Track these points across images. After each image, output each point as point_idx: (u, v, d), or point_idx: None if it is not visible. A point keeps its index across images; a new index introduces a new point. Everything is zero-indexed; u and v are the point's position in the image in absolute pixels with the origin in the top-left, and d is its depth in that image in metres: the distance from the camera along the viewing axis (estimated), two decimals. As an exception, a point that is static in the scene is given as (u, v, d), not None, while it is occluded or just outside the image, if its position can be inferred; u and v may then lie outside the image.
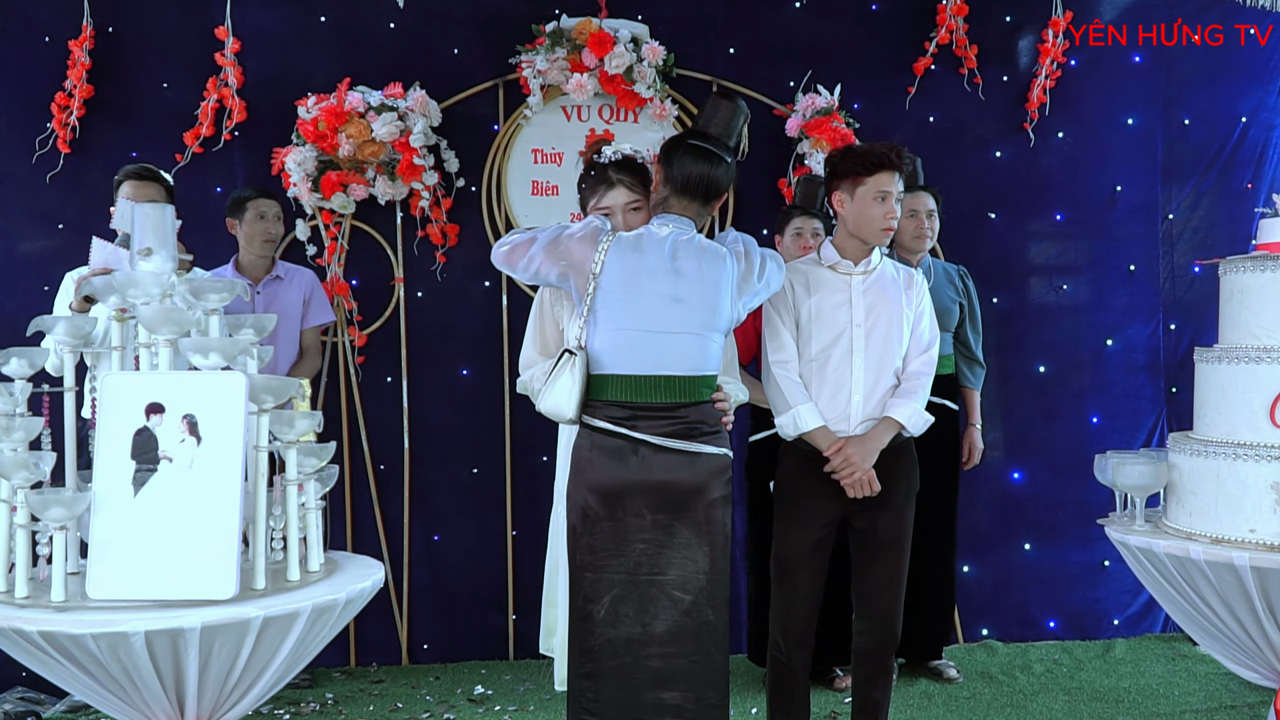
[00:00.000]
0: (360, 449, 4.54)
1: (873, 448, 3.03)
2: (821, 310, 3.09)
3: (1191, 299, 4.84)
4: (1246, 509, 2.36)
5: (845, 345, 3.08)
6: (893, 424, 3.06)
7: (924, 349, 3.15)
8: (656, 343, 2.77)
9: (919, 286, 3.18)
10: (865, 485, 3.01)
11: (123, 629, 1.93)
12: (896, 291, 3.13)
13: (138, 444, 2.03)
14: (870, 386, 3.08)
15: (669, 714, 2.73)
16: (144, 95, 4.46)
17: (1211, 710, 3.87)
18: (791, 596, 3.13)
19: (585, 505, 2.76)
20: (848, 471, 3.00)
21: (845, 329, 3.08)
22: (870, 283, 3.12)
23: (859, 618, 3.22)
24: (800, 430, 3.05)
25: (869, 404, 3.07)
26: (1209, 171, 4.85)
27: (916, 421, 3.08)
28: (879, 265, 3.15)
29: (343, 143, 4.29)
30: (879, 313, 3.10)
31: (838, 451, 3.01)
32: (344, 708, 4.01)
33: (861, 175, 3.03)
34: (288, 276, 4.23)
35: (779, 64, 4.63)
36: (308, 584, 2.18)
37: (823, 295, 3.10)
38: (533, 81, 4.44)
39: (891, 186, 3.03)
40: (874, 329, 3.09)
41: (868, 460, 3.01)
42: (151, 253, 2.22)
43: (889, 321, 3.10)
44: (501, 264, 2.90)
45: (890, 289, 3.12)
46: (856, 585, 3.21)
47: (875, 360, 3.08)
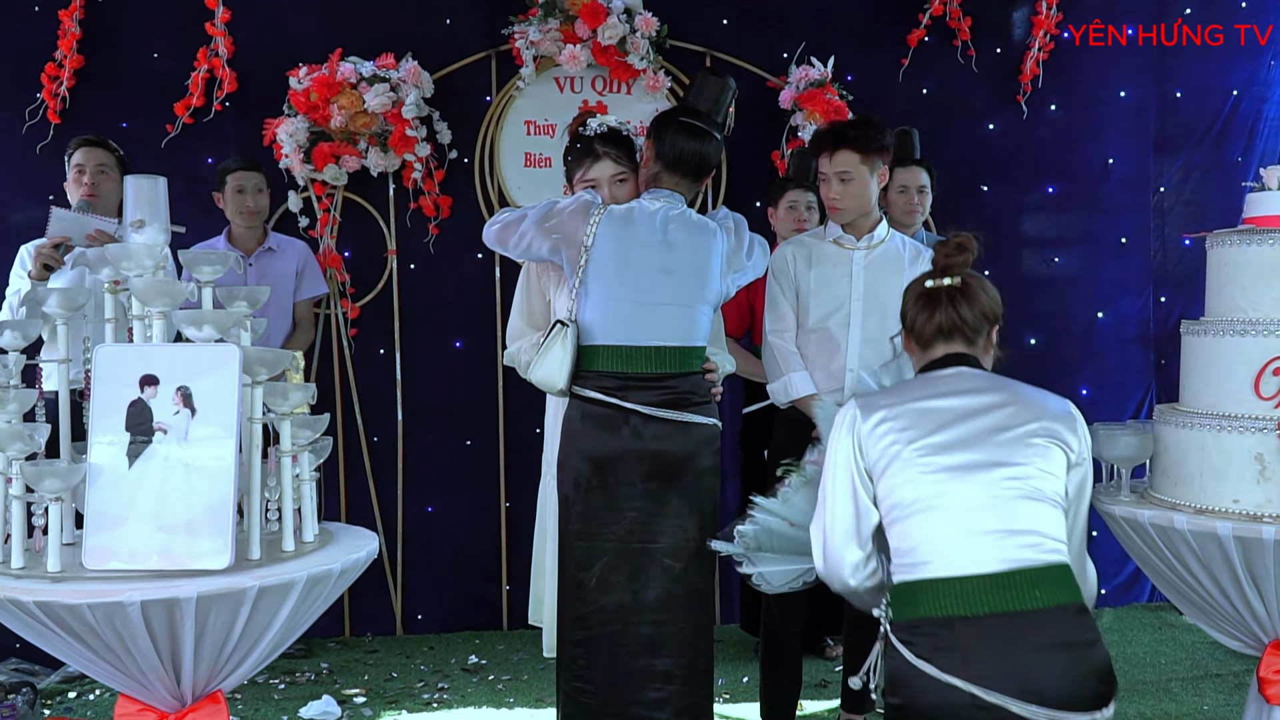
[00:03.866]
0: (354, 421, 4.55)
1: None
2: (822, 283, 3.14)
3: (1182, 272, 4.86)
4: (1230, 479, 2.39)
5: (843, 318, 3.13)
6: None
7: None
8: (647, 314, 2.79)
9: (923, 262, 3.20)
10: None
11: (119, 599, 1.95)
12: (900, 266, 3.17)
13: (132, 415, 2.04)
14: (865, 360, 3.12)
15: (659, 679, 2.77)
16: (134, 65, 4.44)
17: (1197, 679, 3.92)
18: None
19: (577, 474, 2.79)
20: None
21: (844, 302, 3.13)
22: (874, 257, 3.16)
23: None
24: (791, 397, 3.11)
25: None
26: (1200, 144, 4.86)
27: None
28: (885, 239, 3.19)
29: (335, 114, 4.28)
30: (879, 287, 3.14)
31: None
32: (339, 677, 4.05)
33: (817, 156, 3.16)
34: (280, 248, 4.23)
35: (772, 36, 4.62)
36: (303, 554, 2.20)
37: (824, 268, 3.16)
38: (525, 53, 4.42)
39: (828, 168, 3.10)
40: (873, 304, 3.13)
41: None
42: (144, 224, 2.23)
43: (888, 296, 3.13)
44: (493, 242, 2.93)
45: (893, 264, 3.17)
46: None
47: (872, 334, 3.13)
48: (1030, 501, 1.98)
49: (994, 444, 2.01)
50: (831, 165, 3.09)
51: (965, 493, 1.98)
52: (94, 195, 3.67)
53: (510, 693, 3.89)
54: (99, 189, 3.69)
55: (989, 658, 1.88)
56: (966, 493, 1.98)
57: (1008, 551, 1.94)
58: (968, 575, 1.93)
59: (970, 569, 1.94)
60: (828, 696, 3.78)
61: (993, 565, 1.93)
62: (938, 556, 1.96)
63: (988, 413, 2.05)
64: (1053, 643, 1.89)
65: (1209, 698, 3.74)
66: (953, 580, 1.94)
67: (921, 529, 1.98)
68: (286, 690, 3.90)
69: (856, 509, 2.10)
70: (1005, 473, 1.99)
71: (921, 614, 1.95)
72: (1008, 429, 2.03)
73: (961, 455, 2.00)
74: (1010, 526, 1.95)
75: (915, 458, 2.01)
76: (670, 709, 2.76)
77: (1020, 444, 2.01)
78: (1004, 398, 2.07)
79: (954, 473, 1.99)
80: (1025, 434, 2.02)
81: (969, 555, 1.94)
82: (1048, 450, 2.02)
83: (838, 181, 3.09)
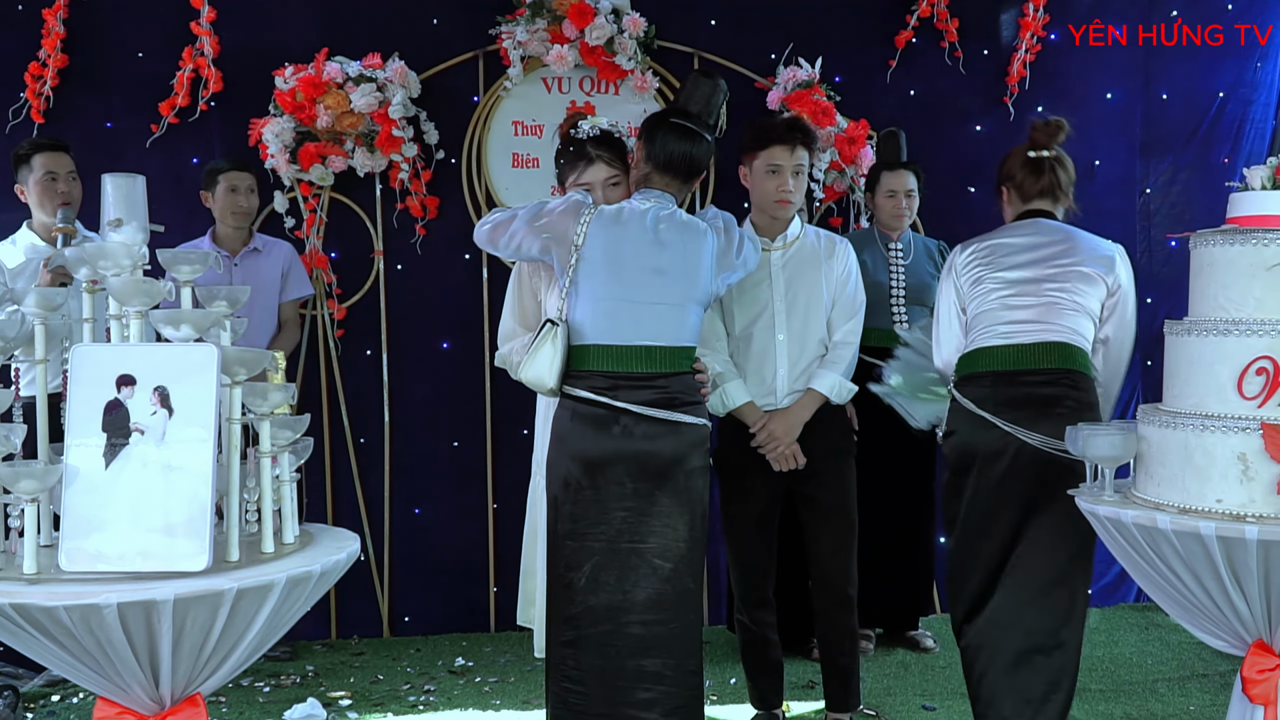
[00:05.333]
0: (340, 422, 4.53)
1: (795, 421, 3.12)
2: (742, 288, 3.16)
3: (1168, 273, 4.87)
4: (1214, 479, 2.38)
5: (767, 321, 3.16)
6: (816, 396, 3.16)
7: (848, 318, 3.21)
8: (638, 313, 2.79)
9: (841, 253, 3.24)
10: (790, 459, 3.10)
11: (95, 601, 1.92)
12: (816, 261, 3.20)
13: (109, 416, 2.02)
14: (794, 359, 3.16)
15: (649, 680, 2.77)
16: (119, 64, 4.42)
17: (1184, 679, 3.93)
18: (741, 564, 3.28)
19: (567, 474, 2.79)
20: (771, 446, 3.12)
21: (766, 304, 3.16)
22: (790, 256, 3.18)
23: (815, 584, 3.32)
24: (728, 407, 3.17)
25: (793, 376, 3.17)
26: (1187, 146, 4.87)
27: (840, 392, 3.17)
28: (799, 236, 3.20)
29: (321, 114, 4.27)
30: (799, 285, 3.17)
31: (761, 428, 3.09)
32: (325, 680, 4.03)
33: (756, 149, 3.13)
34: (266, 249, 4.21)
35: (760, 36, 4.61)
36: (282, 556, 2.18)
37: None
38: (513, 53, 4.41)
39: (784, 160, 3.10)
40: (794, 302, 3.17)
41: (790, 434, 3.11)
42: (121, 223, 2.21)
43: (810, 293, 3.17)
44: (484, 243, 2.93)
45: (810, 260, 3.19)
46: (808, 549, 3.31)
47: (798, 333, 3.16)
48: (1067, 311, 2.94)
49: (1048, 267, 2.96)
50: (792, 159, 3.09)
51: (1021, 298, 2.94)
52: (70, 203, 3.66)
53: (497, 695, 3.88)
54: (73, 196, 3.69)
55: (1008, 401, 2.88)
56: (1021, 298, 2.94)
57: (1039, 334, 2.92)
58: (1006, 345, 2.93)
59: (1009, 341, 2.94)
60: (815, 697, 3.77)
61: (1027, 338, 2.93)
62: (1007, 333, 2.95)
63: (1048, 248, 2.98)
64: (1050, 395, 2.89)
65: (1195, 698, 3.74)
66: (996, 348, 2.94)
67: (990, 319, 2.97)
68: (272, 693, 3.88)
69: (957, 319, 3.06)
70: (1052, 286, 2.94)
71: (977, 369, 2.96)
72: (1060, 260, 2.97)
73: (1023, 272, 2.97)
74: (1047, 320, 2.93)
75: (988, 274, 2.99)
76: (660, 709, 2.76)
77: (1068, 270, 2.96)
78: (1063, 240, 3.01)
79: (1016, 285, 2.95)
80: (1073, 263, 2.97)
81: (1011, 333, 2.94)
82: (1089, 278, 2.97)
83: (793, 176, 3.11)
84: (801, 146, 3.12)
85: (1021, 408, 2.89)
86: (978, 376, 2.97)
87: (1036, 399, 2.90)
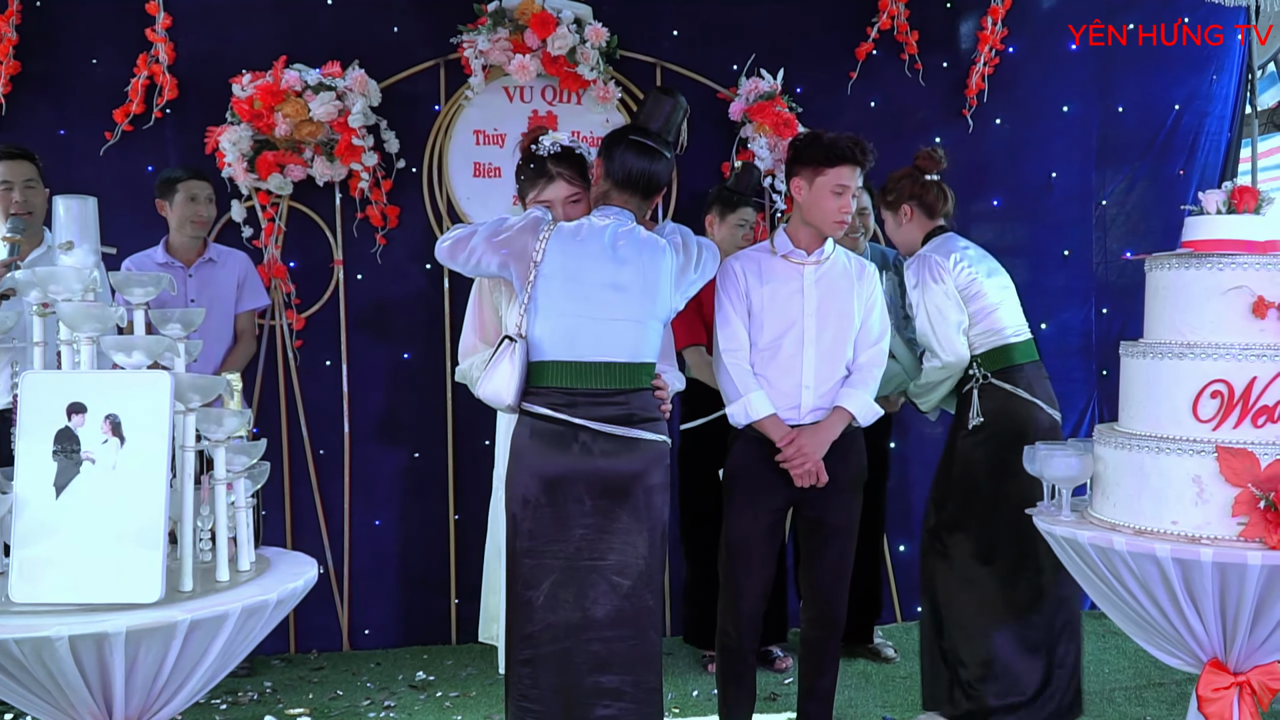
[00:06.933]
0: (299, 434, 4.49)
1: (825, 438, 3.07)
2: (774, 300, 3.10)
3: (1124, 283, 4.93)
4: (1169, 501, 2.41)
5: (797, 335, 3.10)
6: (844, 414, 3.10)
7: (874, 340, 3.18)
8: (597, 329, 2.78)
9: (870, 278, 3.21)
10: (814, 475, 3.05)
11: (46, 634, 1.89)
12: (848, 282, 3.15)
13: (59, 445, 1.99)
14: (821, 376, 3.11)
15: (608, 696, 2.76)
16: (73, 71, 4.34)
17: (1140, 688, 3.98)
18: (744, 583, 3.17)
19: (526, 492, 2.77)
20: (799, 461, 3.04)
21: (797, 319, 3.10)
22: (823, 273, 3.14)
23: (806, 605, 3.27)
24: (751, 419, 3.08)
25: (819, 394, 3.11)
26: (1143, 158, 4.93)
27: (867, 412, 3.13)
28: (832, 255, 3.17)
29: (279, 122, 4.21)
30: (831, 303, 3.12)
31: (790, 442, 3.04)
32: (282, 696, 3.99)
33: (823, 166, 3.04)
34: (220, 259, 4.15)
35: (723, 47, 4.62)
36: (237, 584, 2.15)
37: (775, 285, 3.12)
38: (474, 62, 4.38)
39: (851, 181, 3.05)
40: (826, 320, 3.11)
41: (819, 451, 3.05)
42: (73, 246, 2.17)
43: (841, 312, 3.13)
44: (444, 258, 2.90)
45: (842, 280, 3.15)
46: (803, 572, 3.26)
47: (827, 350, 3.11)
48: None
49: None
50: (856, 181, 3.05)
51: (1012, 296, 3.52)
52: (28, 213, 3.59)
53: (458, 709, 3.85)
54: (34, 205, 3.61)
55: (1039, 386, 3.44)
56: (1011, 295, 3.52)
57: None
58: (1029, 338, 3.49)
59: (1027, 336, 3.50)
60: (778, 710, 3.78)
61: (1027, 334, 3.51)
62: (1018, 330, 3.47)
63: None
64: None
65: (1152, 707, 3.79)
66: (1026, 341, 3.47)
67: (1005, 315, 3.44)
68: (229, 711, 3.83)
69: (959, 315, 3.40)
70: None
71: (1014, 363, 3.43)
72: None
73: (1002, 276, 3.51)
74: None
75: (985, 278, 3.42)
76: (619, 726, 2.74)
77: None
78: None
79: (1005, 288, 3.50)
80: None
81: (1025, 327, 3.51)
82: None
83: (853, 198, 3.08)
84: (861, 168, 3.07)
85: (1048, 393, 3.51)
86: (1018, 368, 3.43)
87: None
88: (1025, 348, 3.46)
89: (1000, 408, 3.39)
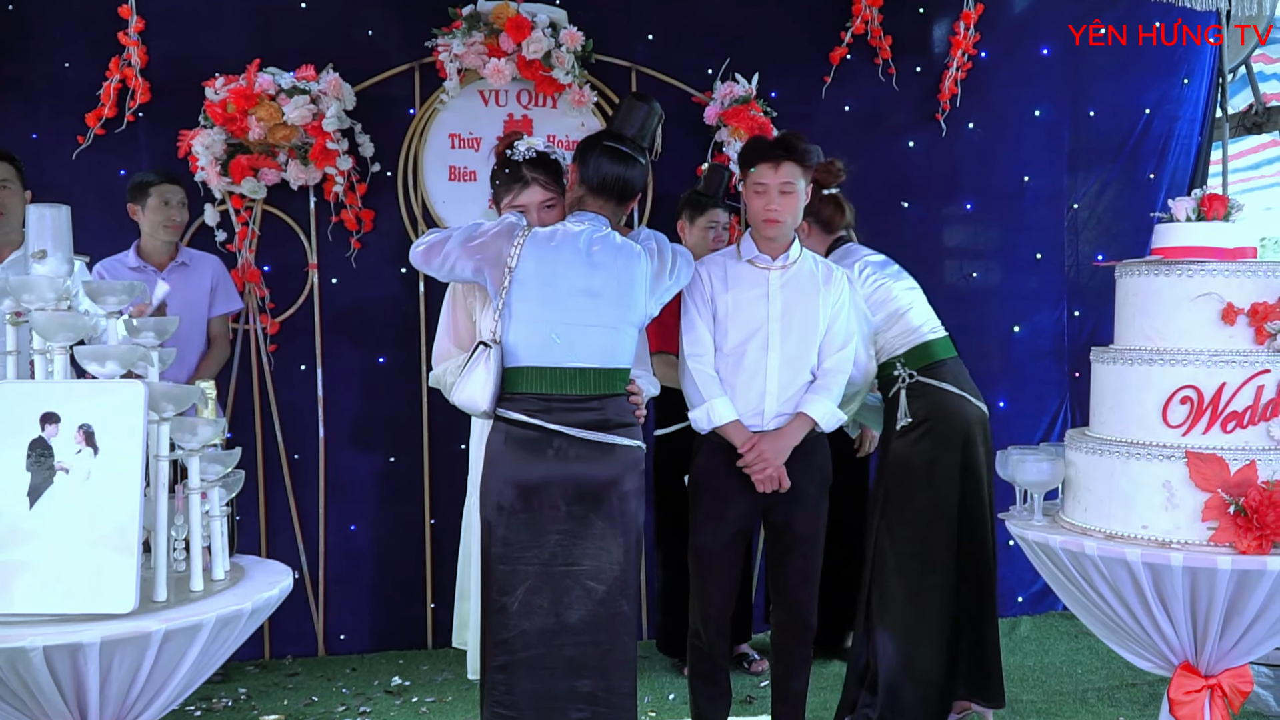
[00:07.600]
0: (274, 438, 4.46)
1: (786, 444, 3.07)
2: (739, 305, 3.10)
3: (1095, 286, 4.97)
4: (1139, 506, 2.44)
5: (761, 340, 3.10)
6: (806, 420, 3.10)
7: (839, 346, 3.18)
8: (572, 335, 2.78)
9: (838, 283, 3.20)
10: (775, 481, 3.06)
11: (21, 644, 1.88)
12: (814, 287, 3.15)
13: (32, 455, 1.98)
14: (785, 382, 3.11)
15: (582, 701, 2.76)
16: (45, 74, 4.31)
17: (1113, 688, 4.02)
18: (711, 588, 3.18)
19: (500, 498, 2.77)
20: (760, 467, 3.04)
21: (762, 324, 3.10)
22: (789, 278, 3.14)
23: (775, 609, 3.28)
24: (714, 424, 3.08)
25: (783, 399, 3.11)
26: (1114, 162, 4.97)
27: (830, 419, 3.13)
28: (798, 259, 3.17)
29: (253, 125, 4.19)
30: (796, 309, 3.12)
31: (751, 448, 3.05)
32: (257, 702, 3.97)
33: (745, 167, 3.09)
34: (193, 263, 4.13)
35: (698, 51, 4.63)
36: (211, 594, 2.14)
37: (740, 289, 3.12)
38: (449, 65, 4.37)
39: (769, 179, 3.04)
40: (790, 325, 3.11)
41: (780, 456, 3.06)
42: (46, 255, 2.15)
43: (805, 318, 3.12)
44: (419, 263, 2.89)
45: (808, 285, 3.15)
46: (772, 577, 3.26)
47: (791, 356, 3.11)
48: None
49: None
50: (776, 176, 3.02)
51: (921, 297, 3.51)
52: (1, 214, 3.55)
53: (434, 714, 3.85)
54: (5, 205, 3.57)
55: (964, 379, 3.45)
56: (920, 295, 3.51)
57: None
58: (945, 335, 3.49)
59: (943, 333, 3.49)
60: (754, 713, 3.80)
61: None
62: (934, 328, 3.47)
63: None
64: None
65: (1125, 708, 3.83)
66: (943, 337, 3.47)
67: (917, 315, 3.44)
68: (203, 717, 3.82)
69: (865, 326, 3.40)
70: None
71: (937, 358, 3.42)
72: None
73: (909, 279, 3.53)
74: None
75: (893, 282, 3.45)
76: (593, 731, 2.75)
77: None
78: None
79: (913, 290, 3.50)
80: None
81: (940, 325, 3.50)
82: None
83: (779, 194, 3.03)
84: (790, 163, 3.03)
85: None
86: (941, 363, 3.43)
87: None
88: (944, 344, 3.46)
89: (932, 404, 3.39)
